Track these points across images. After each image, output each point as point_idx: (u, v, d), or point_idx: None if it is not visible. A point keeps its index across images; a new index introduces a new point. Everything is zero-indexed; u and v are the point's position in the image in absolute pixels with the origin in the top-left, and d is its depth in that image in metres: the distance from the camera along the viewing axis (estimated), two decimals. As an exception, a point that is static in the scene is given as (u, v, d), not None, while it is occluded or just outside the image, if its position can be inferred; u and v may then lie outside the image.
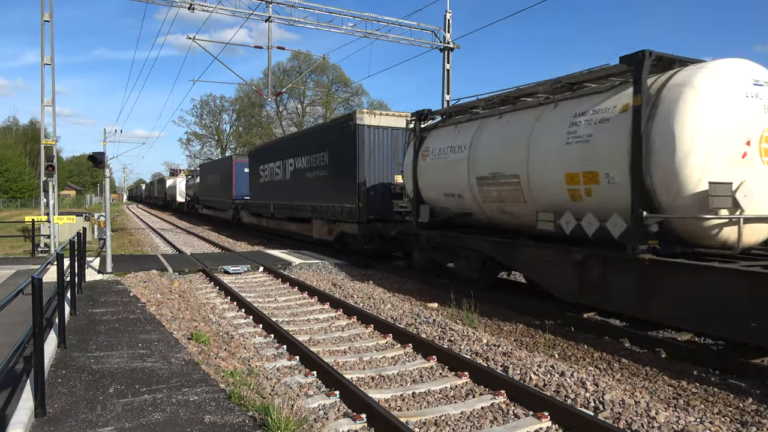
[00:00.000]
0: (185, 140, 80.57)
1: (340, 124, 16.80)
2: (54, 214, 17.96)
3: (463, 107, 12.03)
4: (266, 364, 6.99)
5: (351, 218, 15.77)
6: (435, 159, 12.31)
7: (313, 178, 18.77)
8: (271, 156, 23.75)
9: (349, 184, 15.81)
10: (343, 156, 16.28)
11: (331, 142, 17.18)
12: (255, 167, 26.22)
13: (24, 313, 5.80)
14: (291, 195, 20.97)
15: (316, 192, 18.35)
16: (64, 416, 4.54)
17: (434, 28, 23.08)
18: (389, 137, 15.84)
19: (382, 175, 15.82)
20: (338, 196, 16.57)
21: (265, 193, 24.27)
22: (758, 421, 5.21)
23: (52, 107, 17.95)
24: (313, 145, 18.87)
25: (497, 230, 11.07)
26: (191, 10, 19.22)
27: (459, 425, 5.21)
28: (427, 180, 12.67)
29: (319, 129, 20.08)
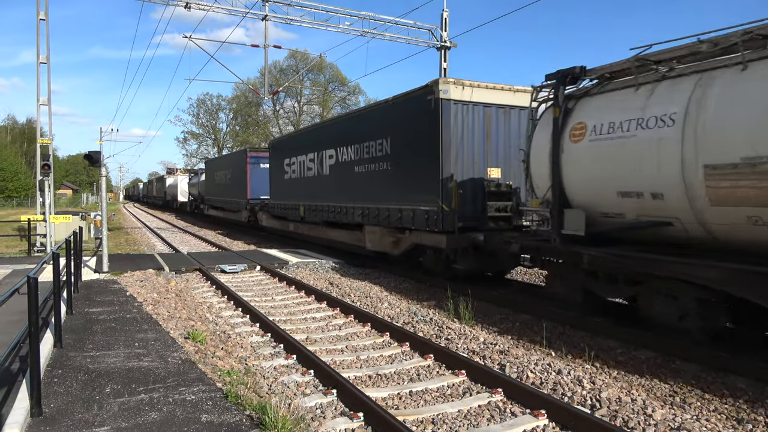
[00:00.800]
0: (182, 139, 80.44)
1: (412, 99, 12.59)
2: (50, 214, 17.90)
3: (659, 57, 7.61)
4: (263, 363, 6.99)
5: (431, 226, 11.75)
6: (599, 140, 8.12)
7: (365, 173, 14.85)
8: (301, 147, 19.66)
9: (426, 179, 11.99)
10: (415, 142, 12.44)
11: (395, 124, 13.31)
12: (277, 162, 22.28)
13: (20, 312, 5.79)
14: (330, 194, 17.00)
15: (371, 190, 14.43)
16: (60, 416, 4.53)
17: (431, 27, 23.08)
18: (481, 117, 12.05)
19: (472, 167, 11.91)
20: (408, 196, 12.71)
21: (293, 192, 20.45)
22: (753, 419, 5.23)
23: (48, 106, 17.88)
24: (365, 130, 14.80)
25: (722, 252, 7.03)
26: (188, 8, 19.17)
27: (456, 423, 5.22)
28: (581, 172, 8.49)
29: (375, 109, 14.79)
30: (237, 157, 29.05)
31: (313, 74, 65.47)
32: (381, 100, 14.56)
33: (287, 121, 69.08)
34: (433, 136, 11.67)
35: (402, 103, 13.12)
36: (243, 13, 20.30)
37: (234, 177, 28.89)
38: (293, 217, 20.46)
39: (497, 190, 11.71)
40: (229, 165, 30.85)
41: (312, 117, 66.17)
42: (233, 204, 29.11)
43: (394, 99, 13.52)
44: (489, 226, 11.41)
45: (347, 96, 67.33)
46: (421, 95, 12.12)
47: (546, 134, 9.08)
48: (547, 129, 9.09)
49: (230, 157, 33.62)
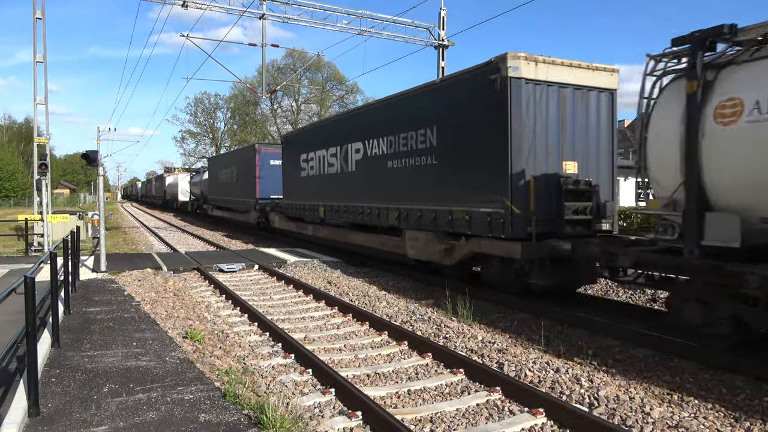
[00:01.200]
0: (180, 138, 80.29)
1: (469, 80, 10.53)
2: (47, 213, 17.87)
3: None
4: (261, 362, 6.98)
5: (495, 231, 9.85)
6: (764, 122, 6.17)
7: (401, 170, 12.80)
8: (320, 141, 17.47)
9: (487, 175, 10.08)
10: (472, 131, 10.46)
11: (443, 111, 11.26)
12: (292, 157, 20.00)
13: (17, 312, 5.78)
14: (357, 194, 14.95)
15: (411, 189, 12.40)
16: (58, 416, 4.52)
17: (429, 26, 23.07)
18: (555, 100, 10.07)
19: (545, 161, 9.92)
20: (461, 196, 10.78)
21: (310, 190, 18.30)
22: (751, 416, 5.24)
23: (45, 105, 17.84)
24: (402, 119, 12.75)
25: None
26: (185, 7, 19.13)
27: (454, 422, 5.23)
28: (734, 164, 6.54)
29: (416, 95, 12.38)
30: (244, 154, 26.69)
31: (311, 73, 65.44)
32: (422, 84, 12.14)
33: (285, 120, 69.02)
34: (499, 123, 9.68)
35: (453, 85, 11.04)
36: (240, 11, 20.27)
37: (241, 175, 26.72)
38: (311, 219, 18.28)
39: (575, 188, 9.76)
40: (235, 162, 28.55)
41: (310, 116, 66.11)
42: (240, 204, 26.87)
43: (441, 81, 11.65)
44: (567, 232, 9.47)
45: (345, 95, 67.33)
46: (482, 74, 10.08)
47: (673, 115, 7.16)
48: (674, 108, 7.18)
49: (236, 153, 30.88)
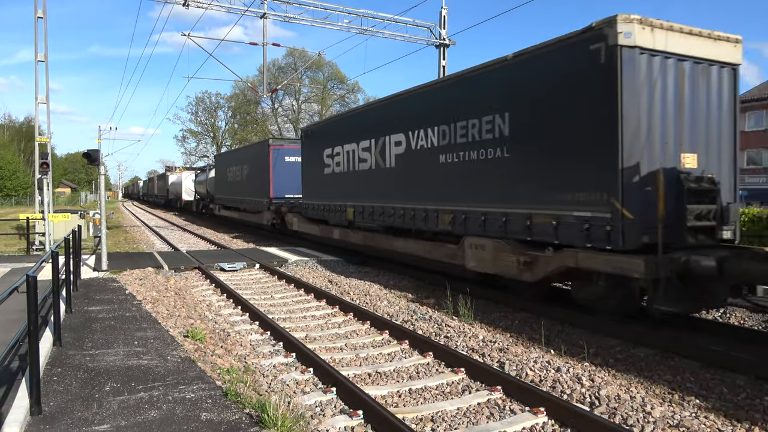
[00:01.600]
0: (180, 137, 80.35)
1: (559, 52, 8.45)
2: (49, 212, 17.89)
3: None
4: (263, 361, 6.99)
5: (596, 241, 7.83)
6: None
7: (459, 164, 10.59)
8: (349, 134, 15.30)
9: (585, 169, 8.05)
10: (565, 114, 8.35)
11: (520, 92, 9.12)
12: (314, 153, 17.73)
13: (19, 311, 5.79)
14: (397, 193, 12.81)
15: (472, 187, 10.29)
16: (59, 414, 4.53)
17: (430, 25, 23.06)
18: (673, 76, 8.02)
19: (662, 152, 7.92)
20: (545, 195, 8.69)
21: (336, 189, 16.08)
22: (752, 416, 5.24)
23: (47, 104, 17.85)
24: (460, 105, 10.56)
25: None
26: (186, 6, 19.13)
27: (455, 421, 5.23)
28: None
29: (480, 74, 10.11)
30: (256, 150, 24.87)
31: (312, 72, 65.51)
32: (488, 61, 9.83)
33: (286, 119, 69.08)
34: (605, 104, 7.63)
35: (534, 60, 8.86)
36: (241, 11, 20.27)
37: (252, 173, 24.99)
38: (337, 221, 16.26)
39: (698, 186, 7.79)
40: (245, 159, 26.61)
41: (311, 115, 66.13)
42: (251, 204, 25.00)
43: (517, 56, 9.19)
44: (688, 242, 7.60)
45: (346, 94, 67.36)
46: (579, 44, 8.03)
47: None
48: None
49: (247, 150, 28.87)
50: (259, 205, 23.77)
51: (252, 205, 24.91)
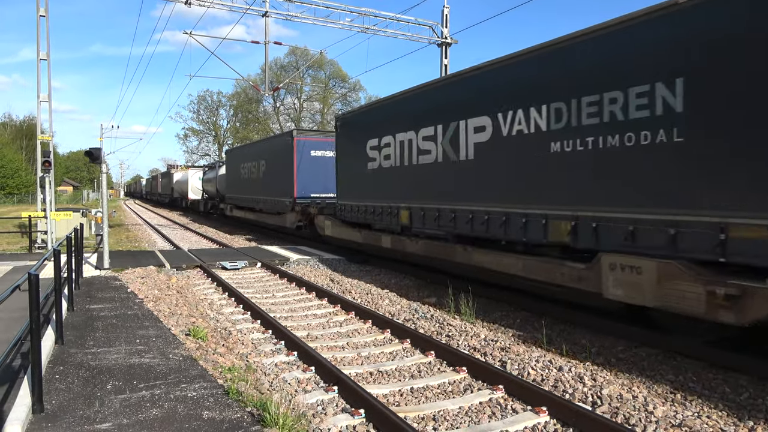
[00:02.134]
0: (182, 136, 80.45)
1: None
2: (51, 210, 17.90)
3: None
4: (264, 359, 6.99)
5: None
6: None
7: (583, 153, 7.93)
8: (403, 119, 12.48)
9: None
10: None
11: (707, 48, 6.36)
12: (353, 144, 14.99)
13: (21, 309, 5.79)
14: (476, 191, 10.16)
15: (609, 184, 7.59)
16: (61, 412, 4.54)
17: (432, 23, 23.03)
18: None
19: None
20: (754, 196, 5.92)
21: (384, 188, 13.27)
22: (754, 415, 5.23)
23: (49, 103, 17.87)
24: (587, 74, 7.84)
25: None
26: (188, 5, 19.13)
27: (457, 420, 5.22)
28: None
29: (631, 26, 7.30)
30: (277, 144, 22.22)
31: (314, 71, 65.50)
32: (636, 11, 7.18)
33: (287, 118, 69.10)
34: None
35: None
36: (243, 9, 20.26)
37: (271, 169, 22.53)
38: (386, 226, 13.49)
39: None
40: (263, 154, 23.92)
41: (312, 114, 66.17)
42: (270, 204, 22.47)
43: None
44: None
45: (348, 92, 67.37)
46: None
47: None
48: None
49: (265, 143, 25.48)
50: (280, 206, 21.16)
51: (271, 205, 22.29)
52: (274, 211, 22.12)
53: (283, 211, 20.81)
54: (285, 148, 20.48)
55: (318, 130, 22.87)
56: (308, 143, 19.89)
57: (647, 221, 7.00)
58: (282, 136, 22.35)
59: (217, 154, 75.31)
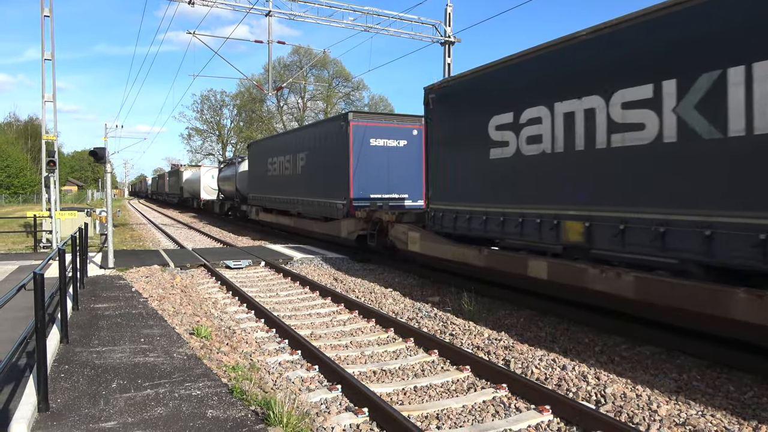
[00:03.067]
0: (186, 135, 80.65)
1: None
2: (56, 210, 17.98)
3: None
4: (268, 358, 7.01)
5: None
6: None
7: None
8: (550, 86, 8.54)
9: None
10: None
11: None
12: (466, 120, 10.70)
13: (26, 308, 5.83)
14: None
15: None
16: (66, 411, 4.56)
17: (435, 22, 23.00)
18: None
19: None
20: None
21: (524, 186, 9.19)
22: (759, 414, 5.21)
23: (53, 103, 17.93)
24: None
25: None
26: (191, 4, 19.15)
27: (461, 419, 5.23)
28: None
29: None
30: (324, 131, 17.89)
31: (317, 70, 65.61)
32: None
33: (291, 117, 69.18)
34: None
35: None
36: (246, 9, 20.28)
37: (315, 164, 18.36)
38: (528, 243, 9.20)
39: None
40: (302, 145, 19.65)
41: (316, 113, 66.22)
42: (313, 207, 18.36)
43: None
44: None
45: (351, 91, 67.40)
46: None
47: None
48: None
49: (306, 132, 20.37)
50: (328, 210, 17.15)
51: (315, 209, 18.20)
52: (318, 216, 18.09)
53: (334, 217, 16.72)
54: (336, 137, 16.46)
55: (380, 112, 18.92)
56: (368, 130, 15.90)
57: None
58: (332, 121, 18.09)
59: (221, 153, 75.55)
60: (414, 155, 16.28)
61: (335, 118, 17.39)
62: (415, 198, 16.63)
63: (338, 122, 16.62)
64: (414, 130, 16.56)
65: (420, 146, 15.48)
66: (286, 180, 21.14)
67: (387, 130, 16.17)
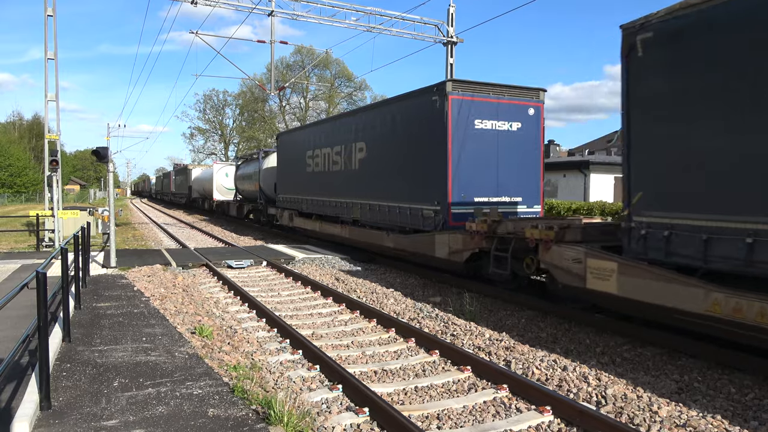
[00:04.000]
0: (189, 135, 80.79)
1: None
2: (58, 209, 18.02)
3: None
4: (269, 358, 7.02)
5: None
6: None
7: None
8: None
9: None
10: None
11: None
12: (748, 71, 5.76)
13: (29, 307, 5.85)
14: None
15: None
16: (68, 409, 4.58)
17: (437, 22, 23.00)
18: None
19: None
20: None
21: None
22: (760, 416, 5.21)
23: (56, 102, 17.98)
24: None
25: None
26: (194, 4, 19.18)
27: (461, 419, 5.24)
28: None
29: None
30: (403, 111, 13.25)
31: (319, 70, 65.67)
32: None
33: (293, 117, 69.24)
34: None
35: None
36: (249, 8, 20.31)
37: (384, 155, 13.96)
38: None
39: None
40: (361, 132, 15.12)
41: (318, 113, 66.26)
42: (383, 214, 13.93)
43: None
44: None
45: (354, 92, 67.43)
46: None
47: None
48: None
49: (370, 114, 15.26)
50: (409, 218, 12.74)
51: (384, 216, 13.80)
52: (391, 225, 13.57)
53: (419, 228, 12.36)
54: (424, 118, 12.17)
55: (486, 82, 11.81)
56: (473, 107, 11.58)
57: None
58: (416, 96, 12.71)
59: (223, 152, 75.64)
60: (530, 143, 12.27)
61: (421, 91, 12.44)
62: (530, 202, 12.41)
63: (428, 97, 12.06)
64: (530, 108, 12.22)
65: (537, 130, 12.34)
66: (335, 178, 16.76)
67: (497, 108, 11.86)
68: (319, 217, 18.33)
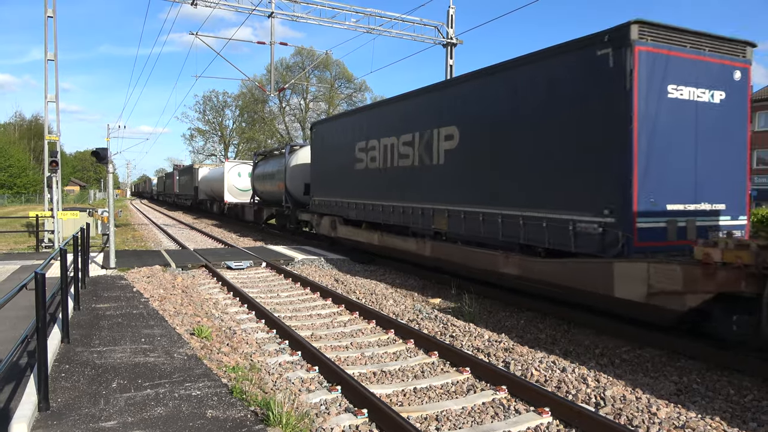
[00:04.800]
0: (188, 136, 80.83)
1: None
2: (58, 210, 18.02)
3: None
4: (268, 359, 7.02)
5: None
6: None
7: None
8: None
9: None
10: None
11: None
12: None
13: (28, 308, 5.86)
14: None
15: None
16: (67, 410, 4.58)
17: (437, 24, 23.02)
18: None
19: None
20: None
21: None
22: (758, 417, 5.21)
23: (56, 103, 17.99)
24: None
25: None
26: (194, 5, 19.20)
27: (460, 420, 5.23)
28: None
29: None
30: (542, 73, 8.82)
31: (319, 71, 65.70)
32: None
33: (293, 118, 69.30)
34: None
35: None
36: (249, 10, 20.32)
37: (499, 142, 9.83)
38: None
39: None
40: (446, 113, 11.31)
41: (318, 114, 66.27)
42: (494, 226, 9.82)
43: None
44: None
45: (353, 93, 67.46)
46: None
47: None
48: None
49: (463, 88, 10.94)
50: (547, 234, 8.71)
51: (495, 229, 9.81)
52: (510, 243, 9.63)
53: (575, 249, 8.25)
54: (585, 81, 8.08)
55: (684, 29, 7.26)
56: (669, 65, 7.65)
57: None
58: (569, 49, 8.42)
59: (223, 153, 75.65)
60: (735, 122, 8.30)
61: (574, 44, 8.32)
62: (734, 212, 8.33)
63: (590, 51, 7.98)
64: (736, 70, 8.27)
65: (744, 105, 8.36)
66: (404, 175, 12.93)
67: (695, 69, 7.89)
68: (374, 226, 14.56)
